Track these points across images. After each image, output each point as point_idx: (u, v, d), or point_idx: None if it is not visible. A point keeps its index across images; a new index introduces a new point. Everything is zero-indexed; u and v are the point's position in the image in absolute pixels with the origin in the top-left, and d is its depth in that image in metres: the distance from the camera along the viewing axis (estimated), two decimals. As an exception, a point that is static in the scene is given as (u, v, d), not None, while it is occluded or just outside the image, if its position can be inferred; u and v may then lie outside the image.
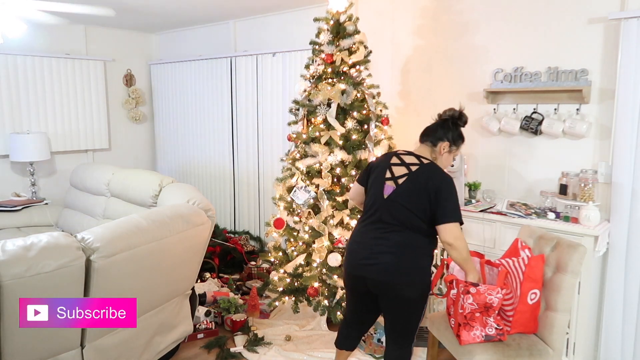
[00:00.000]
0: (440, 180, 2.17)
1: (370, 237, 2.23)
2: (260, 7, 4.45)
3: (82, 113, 5.23)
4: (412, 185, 2.18)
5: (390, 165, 2.25)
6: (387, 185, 2.21)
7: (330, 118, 3.20)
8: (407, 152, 2.32)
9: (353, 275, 2.30)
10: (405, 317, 2.26)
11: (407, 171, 2.21)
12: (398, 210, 2.17)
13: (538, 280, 2.31)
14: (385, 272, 2.16)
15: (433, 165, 2.25)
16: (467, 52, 3.46)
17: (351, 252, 2.31)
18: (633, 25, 2.68)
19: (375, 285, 2.22)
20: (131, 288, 2.40)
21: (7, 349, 1.98)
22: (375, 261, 2.18)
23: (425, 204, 2.14)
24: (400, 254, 2.16)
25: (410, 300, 2.20)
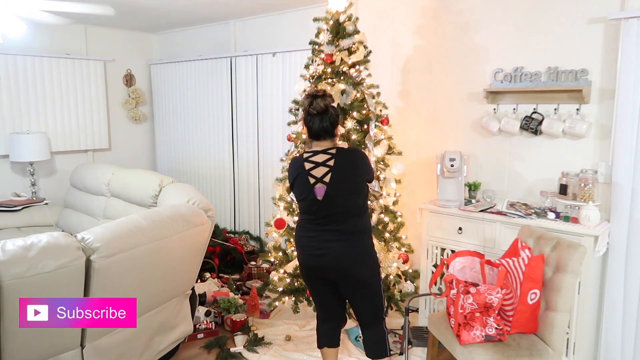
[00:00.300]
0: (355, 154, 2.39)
1: (317, 230, 2.35)
2: (260, 7, 4.45)
3: (82, 113, 5.23)
4: (340, 176, 2.29)
5: (308, 172, 2.33)
6: (318, 188, 2.30)
7: (330, 118, 3.19)
8: (314, 152, 2.36)
9: (309, 266, 2.42)
10: (366, 298, 2.40)
11: (327, 169, 2.30)
12: (337, 203, 2.30)
13: (538, 280, 2.31)
14: (337, 259, 2.30)
15: (342, 150, 2.37)
16: (467, 52, 3.46)
17: (303, 247, 2.42)
18: (633, 25, 2.68)
19: (331, 273, 2.35)
20: (131, 288, 2.40)
21: (7, 349, 1.99)
22: (326, 251, 2.31)
23: (357, 182, 2.34)
24: (346, 239, 2.31)
25: (365, 279, 2.36)
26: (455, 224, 3.18)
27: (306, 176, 2.32)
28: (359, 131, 3.21)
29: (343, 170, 2.30)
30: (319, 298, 2.55)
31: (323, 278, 2.41)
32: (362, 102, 3.22)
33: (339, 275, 2.35)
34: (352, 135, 3.19)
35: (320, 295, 2.54)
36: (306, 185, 2.32)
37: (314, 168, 2.32)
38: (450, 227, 3.21)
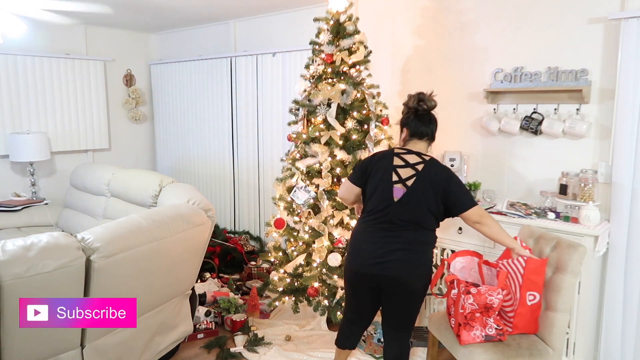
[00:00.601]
0: (447, 174, 2.24)
1: (381, 235, 2.25)
2: (260, 7, 4.45)
3: (82, 113, 5.23)
4: (421, 184, 2.20)
5: (395, 168, 2.24)
6: (397, 189, 2.22)
7: (330, 118, 3.20)
8: (407, 151, 2.31)
9: (363, 273, 2.29)
10: (409, 308, 2.34)
11: (414, 172, 2.22)
12: (411, 211, 2.21)
13: (539, 284, 2.30)
14: (398, 268, 2.21)
15: (435, 161, 2.28)
16: (467, 52, 3.46)
17: (360, 251, 2.30)
18: (633, 25, 2.68)
19: (388, 282, 2.25)
20: (131, 288, 2.40)
21: (7, 349, 1.98)
22: (388, 258, 2.21)
23: (435, 200, 2.21)
24: (411, 250, 2.23)
25: (416, 291, 2.29)
26: (455, 224, 3.18)
27: (390, 171, 2.23)
28: (359, 131, 3.21)
29: (429, 179, 2.20)
30: (358, 303, 2.45)
31: (373, 286, 2.30)
32: (363, 102, 3.23)
33: (393, 283, 2.24)
34: (352, 135, 3.19)
35: (360, 301, 2.43)
36: (385, 180, 2.22)
37: (402, 167, 2.23)
38: (450, 227, 3.21)
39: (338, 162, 3.20)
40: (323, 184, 3.20)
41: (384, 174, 2.25)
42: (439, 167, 2.26)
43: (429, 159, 2.27)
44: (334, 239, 3.22)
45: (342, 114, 3.25)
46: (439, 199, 2.21)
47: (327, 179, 3.20)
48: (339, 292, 3.23)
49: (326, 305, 3.31)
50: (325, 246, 3.19)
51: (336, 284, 3.21)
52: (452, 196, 2.21)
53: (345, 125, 3.21)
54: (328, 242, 3.20)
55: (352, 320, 2.52)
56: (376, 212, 2.26)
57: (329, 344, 3.18)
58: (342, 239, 3.20)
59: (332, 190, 3.21)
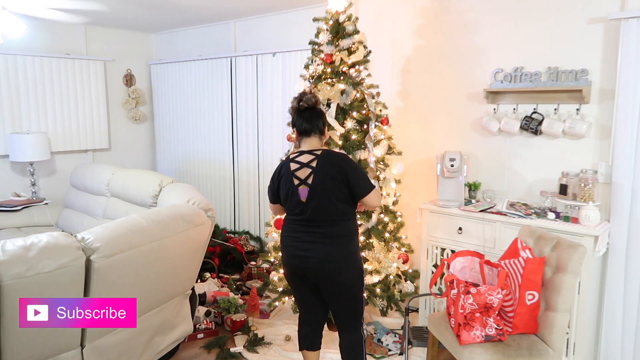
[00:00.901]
0: (341, 161, 2.29)
1: (301, 231, 2.33)
2: (260, 7, 4.45)
3: (82, 113, 5.23)
4: (321, 178, 2.26)
5: (293, 173, 2.31)
6: (301, 190, 2.29)
7: (330, 118, 3.20)
8: (299, 152, 2.36)
9: (292, 265, 2.39)
10: (347, 303, 2.37)
11: (310, 169, 2.28)
12: (320, 206, 2.26)
13: (537, 283, 2.31)
14: (319, 261, 2.28)
15: (328, 152, 2.34)
16: (467, 52, 3.46)
17: (287, 247, 2.40)
18: (633, 25, 2.68)
19: (313, 275, 2.33)
20: (131, 288, 2.40)
21: (7, 349, 1.99)
22: (310, 253, 2.29)
23: (340, 188, 2.26)
24: (330, 242, 2.28)
25: (347, 285, 2.33)
26: (455, 224, 3.18)
27: (291, 177, 2.31)
28: (359, 131, 3.21)
29: (324, 172, 2.26)
30: (301, 300, 2.54)
31: (305, 279, 2.38)
32: (362, 102, 3.23)
33: (321, 278, 2.32)
34: (352, 135, 3.19)
35: (302, 297, 2.51)
36: (290, 186, 2.30)
37: (298, 169, 2.30)
38: (450, 227, 3.21)
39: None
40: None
41: (287, 181, 2.33)
42: (333, 157, 2.30)
43: (321, 152, 2.31)
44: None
45: (342, 114, 3.24)
46: (343, 185, 2.26)
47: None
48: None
49: (326, 305, 3.31)
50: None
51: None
52: (352, 181, 2.26)
53: (345, 125, 3.20)
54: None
55: (304, 320, 2.56)
56: (293, 214, 2.36)
57: (329, 344, 3.18)
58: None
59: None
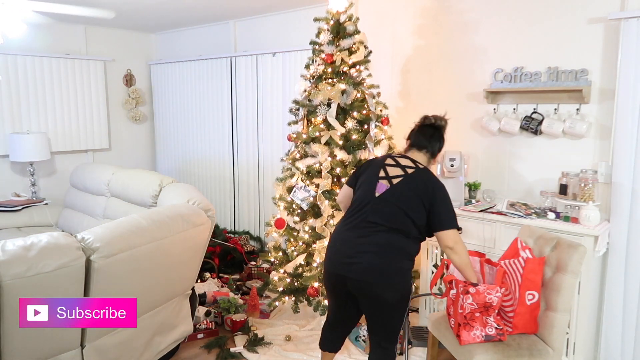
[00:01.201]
0: (436, 186, 2.19)
1: (354, 235, 2.18)
2: (260, 7, 4.45)
3: (82, 113, 5.24)
4: (407, 186, 2.17)
5: (385, 165, 2.24)
6: (381, 184, 2.19)
7: (330, 118, 3.20)
8: (403, 155, 2.32)
9: (333, 273, 2.24)
10: (385, 320, 2.21)
11: (403, 173, 2.20)
12: (389, 209, 2.15)
13: (537, 283, 2.31)
14: (365, 272, 2.11)
15: (429, 172, 2.26)
16: (467, 52, 3.46)
17: (333, 251, 2.26)
18: (633, 25, 2.68)
19: (355, 285, 2.16)
20: (131, 288, 2.40)
21: (7, 349, 1.98)
22: (356, 260, 2.13)
23: (418, 207, 2.14)
24: (383, 254, 2.12)
25: (389, 302, 2.16)
26: (455, 224, 3.18)
27: (380, 167, 2.22)
28: (360, 131, 3.21)
29: (413, 184, 2.16)
30: (336, 305, 2.40)
31: (346, 289, 2.21)
32: (363, 102, 3.23)
33: (361, 289, 2.16)
34: (352, 135, 3.19)
35: (337, 303, 2.37)
36: (372, 175, 2.21)
37: (392, 166, 2.23)
38: (450, 227, 3.20)
39: (338, 162, 3.20)
40: (323, 184, 3.20)
41: (374, 170, 2.25)
42: (430, 177, 2.22)
43: (423, 168, 2.26)
44: (334, 239, 3.22)
45: (342, 114, 3.25)
46: (422, 207, 2.13)
47: (327, 179, 3.20)
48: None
49: (326, 305, 3.31)
50: (326, 246, 3.19)
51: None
52: (435, 209, 2.14)
53: (346, 125, 3.21)
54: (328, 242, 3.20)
55: (332, 322, 2.47)
56: (355, 207, 2.24)
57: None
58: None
59: (332, 191, 3.21)
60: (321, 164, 3.22)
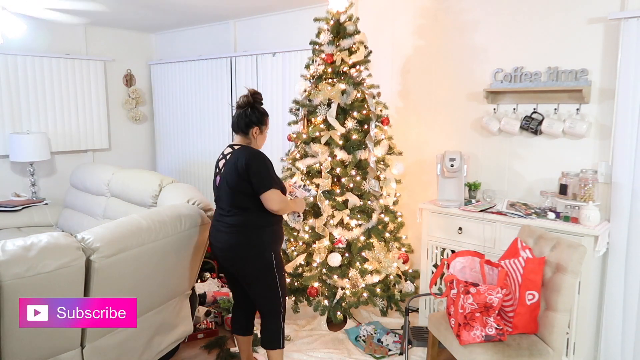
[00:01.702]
0: (248, 158, 2.40)
1: (217, 219, 2.54)
2: (260, 7, 4.45)
3: (82, 113, 5.23)
4: (227, 169, 2.45)
5: (217, 162, 2.56)
6: (218, 178, 2.53)
7: (330, 118, 3.20)
8: (229, 146, 2.56)
9: (215, 254, 2.59)
10: (259, 291, 2.52)
11: (224, 161, 2.51)
12: (225, 193, 2.46)
13: (537, 283, 2.31)
14: (224, 250, 2.48)
15: (242, 148, 2.48)
16: (467, 52, 3.46)
17: (210, 235, 2.62)
18: (633, 25, 2.68)
19: (223, 262, 2.54)
20: (131, 288, 2.40)
21: (7, 349, 1.98)
22: (219, 244, 2.50)
23: (241, 182, 2.39)
24: (233, 233, 2.44)
25: (253, 274, 2.48)
26: (455, 224, 3.18)
27: (216, 167, 2.56)
28: (360, 131, 3.21)
29: (230, 164, 2.43)
30: (229, 285, 2.77)
31: (226, 270, 2.61)
32: (363, 102, 3.23)
33: (227, 266, 2.53)
34: (352, 135, 3.20)
35: (229, 283, 2.75)
36: (214, 174, 2.56)
37: (220, 159, 2.55)
38: (450, 227, 3.21)
39: (338, 162, 3.20)
40: (323, 184, 3.20)
41: (215, 170, 2.59)
42: (243, 154, 2.42)
43: (238, 148, 2.49)
44: (334, 239, 3.22)
45: (342, 114, 3.25)
46: (244, 181, 2.38)
47: (327, 179, 3.20)
48: (339, 292, 3.23)
49: (326, 305, 3.31)
50: (325, 246, 3.20)
51: (336, 284, 3.21)
52: (253, 180, 2.38)
53: (346, 125, 3.21)
54: (328, 242, 3.20)
55: (235, 305, 2.78)
56: (218, 203, 2.55)
57: (329, 344, 3.19)
58: (342, 239, 3.20)
59: (332, 191, 3.21)
60: (321, 164, 3.22)
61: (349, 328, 3.36)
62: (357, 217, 3.19)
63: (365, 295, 3.23)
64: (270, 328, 2.57)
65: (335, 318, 3.27)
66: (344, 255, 3.21)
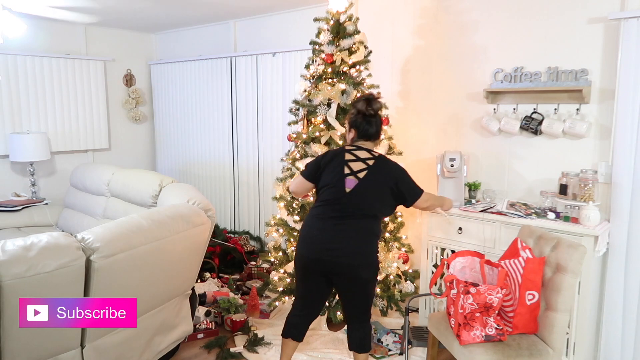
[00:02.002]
0: (395, 170, 2.44)
1: (331, 224, 2.38)
2: (260, 7, 4.45)
3: (82, 113, 5.23)
4: (372, 177, 2.37)
5: (347, 162, 2.41)
6: (349, 180, 2.37)
7: (330, 118, 3.20)
8: (357, 147, 2.46)
9: (312, 259, 2.42)
10: (363, 296, 2.46)
11: (365, 166, 2.39)
12: (361, 201, 2.36)
13: (537, 283, 2.31)
14: (347, 256, 2.34)
15: (384, 157, 2.48)
16: (467, 52, 3.46)
17: (311, 238, 2.44)
18: (633, 25, 2.68)
19: (336, 268, 2.37)
20: (131, 288, 2.40)
21: (7, 349, 1.98)
22: (338, 246, 2.34)
23: (385, 193, 2.39)
24: (360, 239, 2.37)
25: (367, 280, 2.42)
26: (455, 224, 3.18)
27: (343, 164, 2.39)
28: (359, 131, 3.20)
29: (379, 174, 2.38)
30: (309, 291, 2.55)
31: (324, 272, 2.41)
32: (362, 102, 3.22)
33: (343, 272, 2.36)
34: (352, 135, 3.19)
35: (311, 289, 2.54)
36: (339, 172, 2.38)
37: (353, 161, 2.40)
38: (450, 227, 3.21)
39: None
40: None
41: (337, 167, 2.41)
42: (388, 163, 2.46)
43: (378, 156, 2.45)
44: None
45: (342, 114, 3.25)
46: (389, 191, 2.39)
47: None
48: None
49: (326, 305, 3.31)
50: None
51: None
52: (402, 188, 2.40)
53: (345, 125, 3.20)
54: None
55: (301, 309, 2.60)
56: (329, 203, 2.41)
57: (329, 344, 3.18)
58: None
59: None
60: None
61: (349, 328, 3.36)
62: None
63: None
64: (365, 331, 2.51)
65: (335, 318, 3.27)
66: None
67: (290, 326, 2.60)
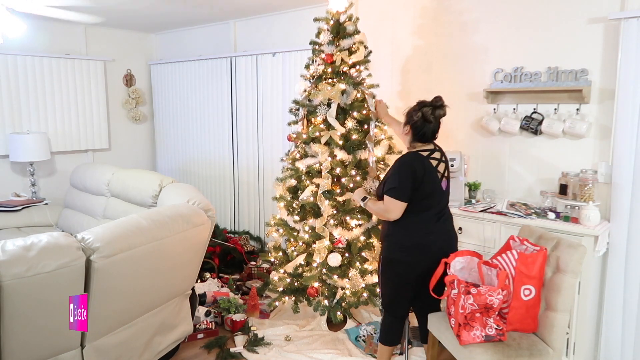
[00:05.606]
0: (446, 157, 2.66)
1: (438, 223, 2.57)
2: (260, 7, 4.45)
3: (82, 113, 5.24)
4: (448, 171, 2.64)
5: (436, 168, 2.55)
6: (444, 181, 2.58)
7: (330, 118, 3.20)
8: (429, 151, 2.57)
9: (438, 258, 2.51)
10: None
11: (444, 164, 2.59)
12: (446, 196, 2.62)
13: (534, 276, 2.30)
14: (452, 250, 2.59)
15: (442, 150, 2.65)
16: (467, 52, 3.46)
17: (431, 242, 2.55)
18: (633, 25, 2.68)
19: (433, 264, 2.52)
20: (131, 288, 2.40)
21: (7, 349, 1.99)
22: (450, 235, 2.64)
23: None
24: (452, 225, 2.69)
25: None
26: (455, 224, 3.18)
27: (435, 172, 2.54)
28: (359, 131, 3.21)
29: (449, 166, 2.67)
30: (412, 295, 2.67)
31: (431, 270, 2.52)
32: (363, 102, 3.23)
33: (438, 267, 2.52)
34: (352, 135, 3.19)
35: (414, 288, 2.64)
36: (436, 180, 2.53)
37: (438, 165, 2.55)
38: (450, 227, 3.20)
39: (338, 162, 3.20)
40: (323, 184, 3.20)
41: (432, 176, 2.53)
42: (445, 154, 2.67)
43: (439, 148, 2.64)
44: (334, 239, 3.22)
45: (342, 114, 3.25)
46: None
47: (327, 179, 3.20)
48: (339, 292, 3.23)
49: (326, 305, 3.31)
50: (326, 246, 3.19)
51: (336, 284, 3.21)
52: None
53: (345, 125, 3.20)
54: (328, 242, 3.20)
55: (403, 315, 2.76)
56: (428, 209, 2.54)
57: (329, 344, 3.18)
58: (342, 239, 3.20)
59: (332, 191, 3.21)
60: (321, 164, 3.22)
61: (349, 328, 3.36)
62: (357, 217, 3.19)
63: (365, 295, 3.23)
64: None
65: (335, 318, 3.27)
66: (344, 255, 3.21)
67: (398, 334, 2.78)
